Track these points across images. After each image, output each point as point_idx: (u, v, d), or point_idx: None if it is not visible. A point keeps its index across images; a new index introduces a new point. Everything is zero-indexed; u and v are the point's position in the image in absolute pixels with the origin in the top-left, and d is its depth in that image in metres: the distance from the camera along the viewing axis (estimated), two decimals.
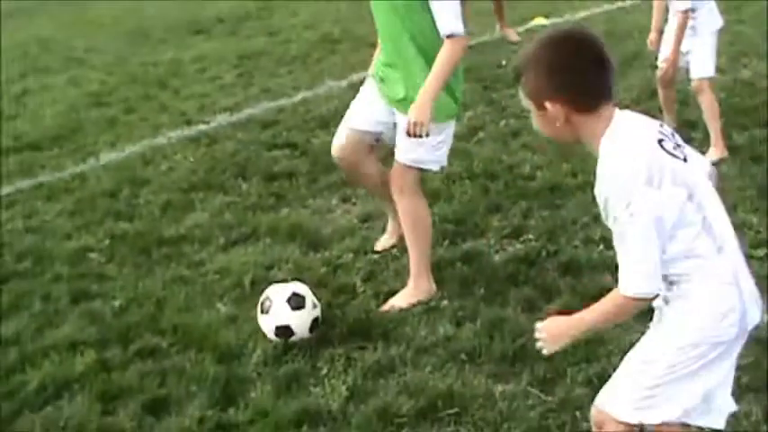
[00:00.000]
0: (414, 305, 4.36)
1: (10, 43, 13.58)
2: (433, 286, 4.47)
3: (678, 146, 2.60)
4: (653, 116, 3.19)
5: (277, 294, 4.18)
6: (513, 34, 10.00)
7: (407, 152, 4.36)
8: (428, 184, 5.40)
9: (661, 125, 2.66)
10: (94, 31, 14.68)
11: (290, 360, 4.02)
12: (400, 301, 4.40)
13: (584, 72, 2.55)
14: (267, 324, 4.14)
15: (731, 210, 4.95)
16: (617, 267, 4.48)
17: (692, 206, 2.52)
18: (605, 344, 3.92)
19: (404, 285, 4.50)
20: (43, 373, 4.14)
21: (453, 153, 4.52)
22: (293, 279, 4.49)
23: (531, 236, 4.99)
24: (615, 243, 2.57)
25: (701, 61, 6.21)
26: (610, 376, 3.63)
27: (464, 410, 3.57)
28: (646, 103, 7.08)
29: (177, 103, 8.88)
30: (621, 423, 2.69)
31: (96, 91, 9.93)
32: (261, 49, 10.80)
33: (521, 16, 10.71)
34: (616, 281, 4.31)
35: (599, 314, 2.72)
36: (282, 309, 4.11)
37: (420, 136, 4.14)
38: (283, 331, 4.10)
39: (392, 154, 4.51)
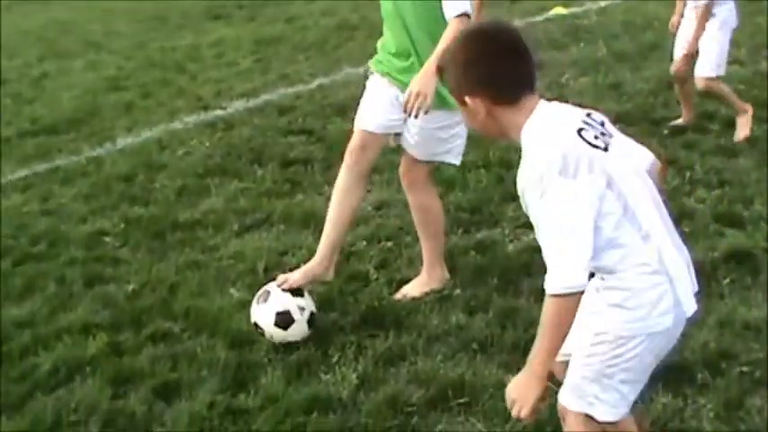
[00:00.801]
0: (427, 294, 4.34)
1: (28, 27, 13.66)
2: (447, 275, 4.45)
3: (603, 134, 2.54)
4: (670, 107, 3.20)
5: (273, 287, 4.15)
6: None
7: (418, 146, 4.31)
8: (444, 173, 5.39)
9: (588, 114, 2.59)
10: (112, 15, 14.75)
11: (301, 347, 4.01)
12: (413, 289, 4.38)
13: (498, 64, 2.53)
14: (266, 314, 4.05)
15: (748, 202, 5.00)
16: None
17: (612, 194, 2.46)
18: None
19: (417, 273, 4.48)
20: (55, 356, 4.15)
21: (468, 142, 4.45)
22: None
23: None
24: (538, 238, 2.50)
25: (711, 59, 6.12)
26: None
27: (474, 400, 3.54)
28: (663, 94, 7.06)
29: (194, 88, 8.91)
30: (578, 414, 2.65)
31: (114, 75, 9.98)
32: (278, 36, 10.82)
33: (540, 6, 10.67)
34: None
35: (546, 335, 2.49)
36: (283, 296, 4.08)
37: (419, 111, 3.90)
38: (283, 318, 4.02)
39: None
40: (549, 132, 2.48)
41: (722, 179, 5.39)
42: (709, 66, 6.12)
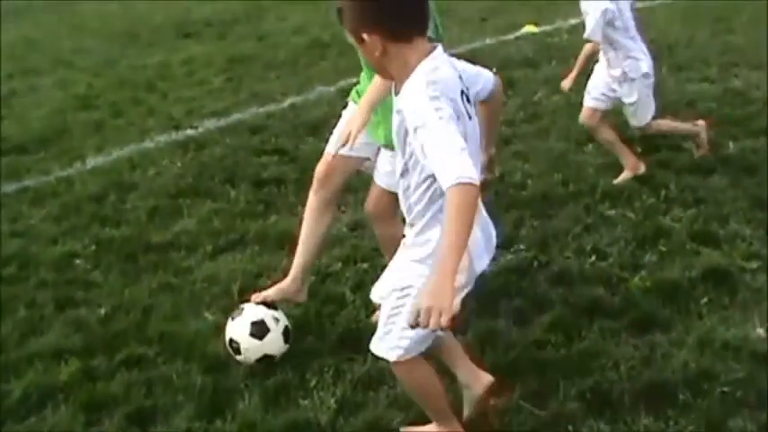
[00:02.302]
0: None
1: None
2: None
3: (469, 101, 2.81)
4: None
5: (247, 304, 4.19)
6: None
7: (389, 176, 4.19)
8: None
9: (462, 90, 2.81)
10: (81, 33, 14.59)
11: (278, 371, 3.95)
12: None
13: (394, 2, 2.71)
14: (240, 326, 4.04)
15: (724, 221, 5.01)
16: (609, 279, 4.50)
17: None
18: (598, 357, 3.88)
19: None
20: (27, 382, 4.08)
21: None
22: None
23: (522, 246, 4.94)
24: (425, 151, 2.63)
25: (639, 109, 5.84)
26: (602, 389, 3.65)
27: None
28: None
29: (165, 107, 8.82)
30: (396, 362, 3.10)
31: (84, 94, 9.86)
32: (250, 54, 10.75)
33: (511, 24, 10.69)
34: (610, 294, 4.31)
35: (453, 232, 2.53)
36: (257, 308, 4.11)
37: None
38: (259, 328, 4.00)
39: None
40: (440, 71, 2.72)
41: (697, 197, 5.41)
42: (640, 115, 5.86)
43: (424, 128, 2.61)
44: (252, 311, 4.08)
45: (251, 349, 3.98)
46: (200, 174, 6.65)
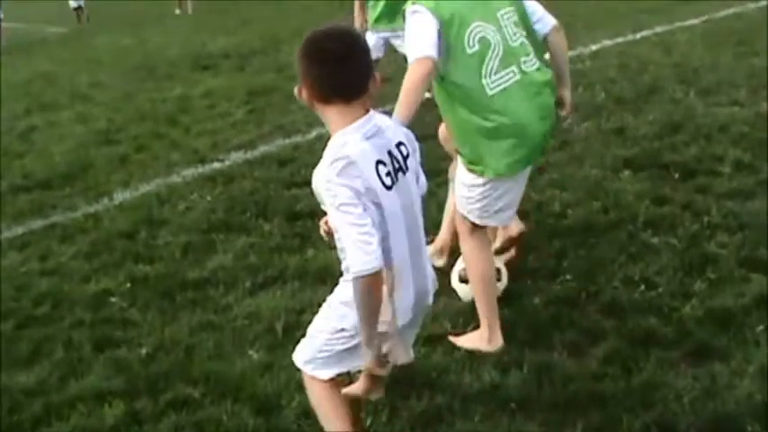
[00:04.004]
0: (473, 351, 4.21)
1: (13, 80, 13.51)
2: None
3: (399, 170, 2.85)
4: (678, 151, 3.04)
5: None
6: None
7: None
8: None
9: (399, 144, 2.88)
10: (96, 67, 14.66)
11: None
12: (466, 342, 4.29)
13: (316, 67, 2.80)
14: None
15: (763, 245, 4.91)
16: (660, 308, 4.41)
17: (375, 224, 2.73)
18: (659, 389, 3.78)
19: (443, 329, 4.37)
20: (71, 426, 3.97)
21: None
22: None
23: (568, 276, 4.84)
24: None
25: None
26: (667, 422, 3.55)
27: None
28: (669, 138, 7.01)
29: (189, 141, 8.77)
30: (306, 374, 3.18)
31: (104, 128, 9.84)
32: (270, 85, 10.73)
33: None
34: (663, 323, 4.21)
35: (359, 317, 2.77)
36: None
37: None
38: None
39: None
40: (349, 144, 2.75)
41: (741, 223, 5.31)
42: None
43: (329, 209, 2.74)
44: None
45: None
46: (231, 208, 6.57)
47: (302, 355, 3.20)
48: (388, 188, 2.81)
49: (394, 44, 8.17)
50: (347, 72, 2.81)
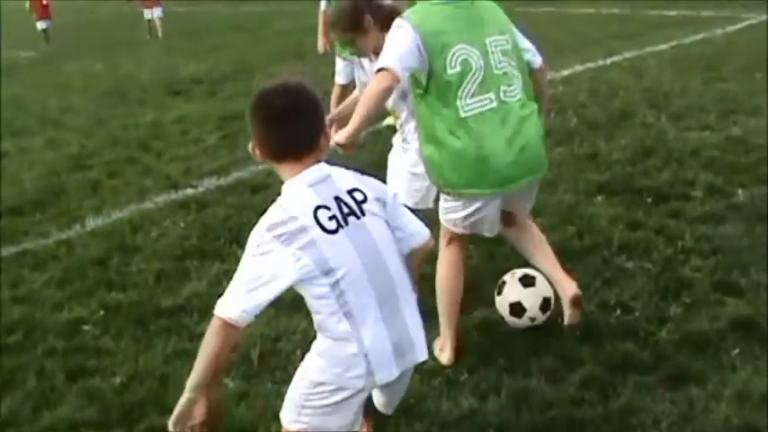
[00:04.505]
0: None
1: None
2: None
3: (350, 214, 2.84)
4: (650, 176, 3.02)
5: (511, 276, 4.55)
6: None
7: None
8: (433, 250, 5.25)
9: (353, 190, 2.89)
10: (67, 92, 14.57)
11: None
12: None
13: (265, 122, 2.88)
14: (501, 304, 4.52)
15: (744, 270, 4.95)
16: (637, 333, 4.42)
17: (317, 270, 2.75)
18: (636, 413, 3.80)
19: None
20: None
21: None
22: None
23: None
24: None
25: None
26: None
27: None
28: (641, 162, 7.06)
29: (161, 167, 8.72)
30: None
31: (76, 154, 9.76)
32: (243, 111, 10.27)
33: None
34: (640, 348, 4.21)
35: (199, 355, 2.81)
36: (513, 287, 4.47)
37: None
38: (516, 308, 4.44)
39: None
40: (291, 200, 2.81)
41: (714, 247, 5.36)
42: None
43: (245, 254, 2.81)
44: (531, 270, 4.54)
45: (511, 292, 4.52)
46: (204, 234, 6.53)
47: (287, 413, 3.04)
48: (330, 232, 2.78)
49: (356, 75, 8.13)
50: (292, 130, 2.84)
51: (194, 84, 13.25)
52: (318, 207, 2.80)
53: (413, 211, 3.26)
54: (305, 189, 2.84)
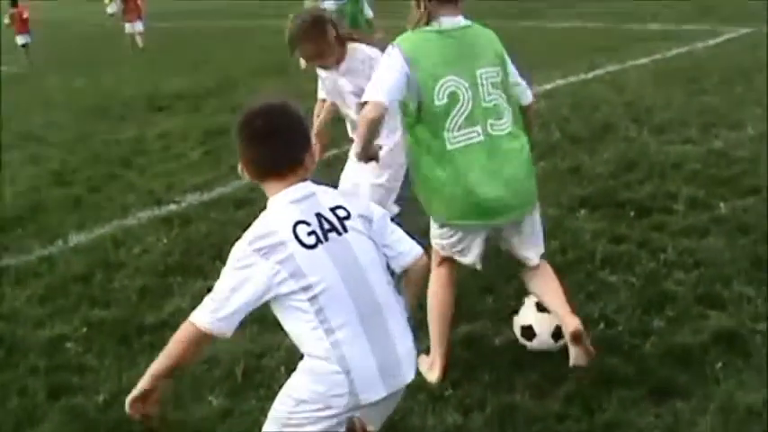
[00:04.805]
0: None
1: None
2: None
3: (330, 230, 2.88)
4: (632, 189, 3.00)
5: (528, 299, 4.46)
6: None
7: None
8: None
9: (336, 208, 2.94)
10: (49, 107, 14.50)
11: None
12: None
13: (248, 142, 2.95)
14: (515, 324, 4.46)
15: (726, 282, 4.97)
16: (621, 347, 4.43)
17: (296, 285, 2.80)
18: (621, 428, 3.79)
19: None
20: None
21: None
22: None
23: None
24: None
25: None
26: None
27: None
28: (624, 176, 7.09)
29: (144, 182, 8.70)
30: None
31: (58, 169, 9.72)
32: (226, 126, 10.65)
33: None
34: (624, 362, 4.22)
35: (162, 354, 2.98)
36: (529, 310, 4.39)
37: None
38: (527, 332, 4.36)
39: None
40: (273, 216, 2.87)
41: (697, 260, 5.38)
42: None
43: (225, 267, 2.89)
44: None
45: (526, 315, 4.42)
46: (187, 250, 6.51)
47: (270, 430, 3.03)
48: (309, 247, 2.82)
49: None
50: (274, 149, 2.91)
51: (177, 99, 13.22)
52: (298, 222, 2.85)
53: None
54: (287, 205, 2.88)
